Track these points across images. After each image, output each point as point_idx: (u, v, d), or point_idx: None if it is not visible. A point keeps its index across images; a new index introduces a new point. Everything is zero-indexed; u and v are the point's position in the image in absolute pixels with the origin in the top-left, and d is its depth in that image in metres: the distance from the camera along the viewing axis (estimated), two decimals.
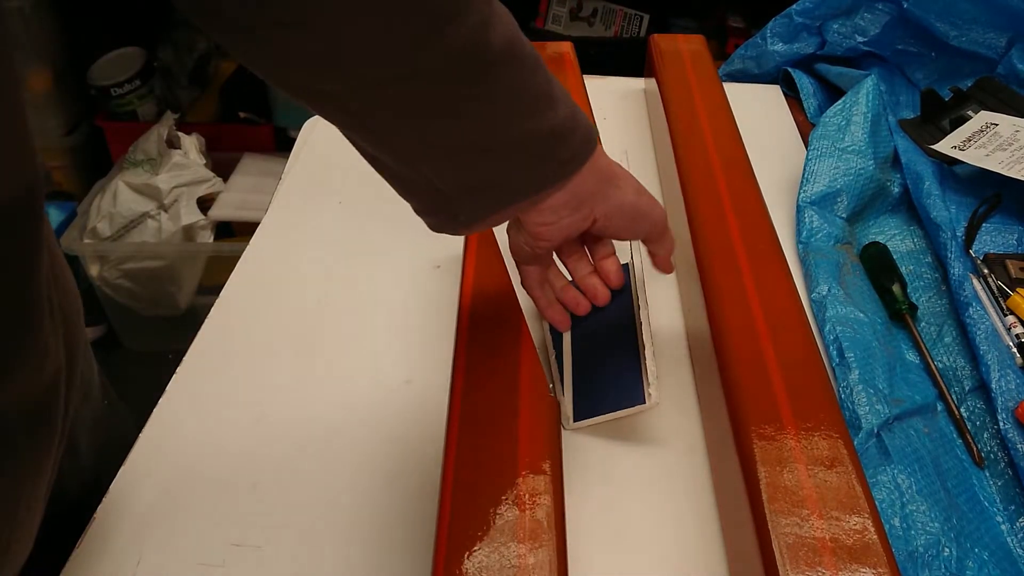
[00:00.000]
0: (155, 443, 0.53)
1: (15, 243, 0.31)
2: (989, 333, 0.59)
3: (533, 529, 0.40)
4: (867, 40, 0.91)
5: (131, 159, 1.56)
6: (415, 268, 0.66)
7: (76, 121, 1.67)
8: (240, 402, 0.56)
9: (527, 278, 0.52)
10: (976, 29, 0.86)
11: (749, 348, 0.49)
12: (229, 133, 1.68)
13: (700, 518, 0.49)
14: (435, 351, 0.59)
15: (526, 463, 0.43)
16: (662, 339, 0.60)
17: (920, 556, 0.47)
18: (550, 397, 0.47)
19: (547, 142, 0.41)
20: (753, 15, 1.71)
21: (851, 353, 0.57)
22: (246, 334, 0.61)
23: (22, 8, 1.49)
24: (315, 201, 0.74)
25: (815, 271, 0.64)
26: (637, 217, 0.48)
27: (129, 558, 0.47)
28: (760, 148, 0.70)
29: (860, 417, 0.53)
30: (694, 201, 0.62)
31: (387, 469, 0.51)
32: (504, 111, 0.38)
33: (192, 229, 1.53)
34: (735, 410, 0.46)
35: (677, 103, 0.75)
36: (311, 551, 0.47)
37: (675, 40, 0.85)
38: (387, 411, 0.55)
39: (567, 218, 0.45)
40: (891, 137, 0.76)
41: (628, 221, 0.48)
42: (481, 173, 0.40)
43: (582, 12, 1.78)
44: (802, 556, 0.38)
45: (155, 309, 1.57)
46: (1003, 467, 0.54)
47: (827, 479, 0.41)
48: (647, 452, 0.53)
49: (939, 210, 0.69)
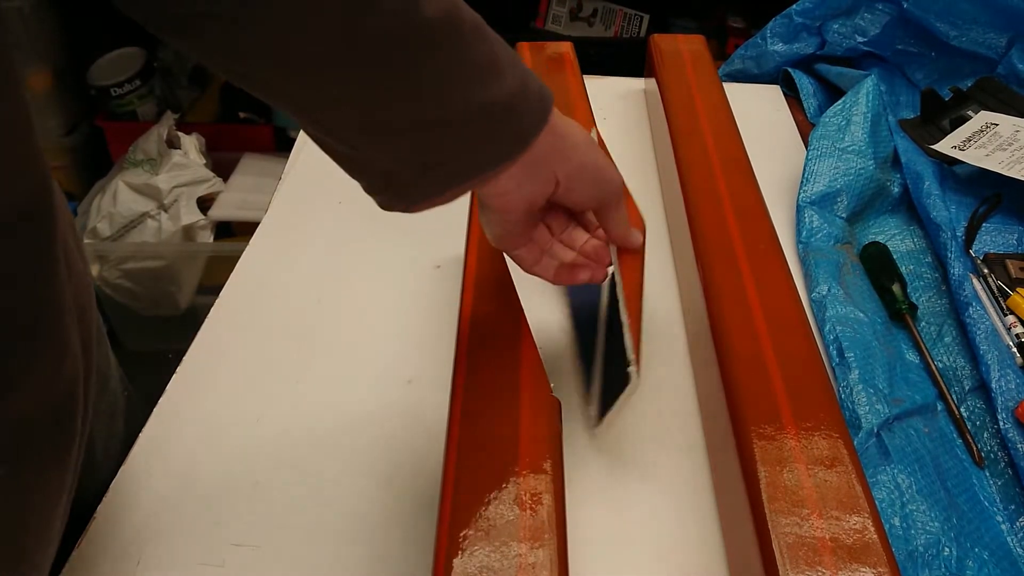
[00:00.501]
0: (155, 443, 0.53)
1: (27, 243, 0.31)
2: (989, 333, 0.59)
3: (533, 529, 0.40)
4: (867, 40, 0.91)
5: (131, 159, 1.56)
6: (415, 268, 0.66)
7: (76, 121, 1.67)
8: (240, 402, 0.56)
9: (523, 261, 0.50)
10: (976, 29, 0.86)
11: (749, 348, 0.49)
12: (229, 133, 1.68)
13: (700, 518, 0.49)
14: (435, 351, 0.59)
15: (526, 463, 0.43)
16: (661, 337, 0.60)
17: (920, 556, 0.47)
18: (551, 397, 0.47)
19: (497, 115, 0.39)
20: (753, 15, 1.71)
21: (851, 353, 0.57)
22: (246, 334, 0.61)
23: (22, 8, 1.49)
24: (315, 201, 0.74)
25: (815, 271, 0.64)
26: (599, 179, 0.45)
27: (129, 558, 0.47)
28: (760, 148, 0.70)
29: (860, 417, 0.53)
30: (694, 201, 0.62)
31: (387, 469, 0.51)
32: (446, 86, 0.37)
33: (192, 229, 1.53)
34: (735, 410, 0.46)
35: (677, 103, 0.75)
36: (311, 551, 0.47)
37: (675, 40, 0.85)
38: (388, 411, 0.55)
39: (527, 184, 0.43)
40: (891, 137, 0.76)
41: (590, 184, 0.45)
42: (428, 152, 0.39)
43: (582, 12, 1.78)
44: (802, 556, 0.38)
45: (155, 309, 1.57)
46: (1003, 467, 0.54)
47: (827, 479, 0.41)
48: (647, 452, 0.53)
49: (939, 210, 0.69)
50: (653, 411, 0.54)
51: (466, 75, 0.37)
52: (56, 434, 0.34)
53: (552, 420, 0.46)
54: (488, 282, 0.54)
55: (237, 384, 0.57)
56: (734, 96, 0.76)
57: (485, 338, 0.51)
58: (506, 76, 0.39)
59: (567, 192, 0.44)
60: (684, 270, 0.63)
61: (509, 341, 0.50)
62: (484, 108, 0.38)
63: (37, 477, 0.34)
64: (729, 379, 0.47)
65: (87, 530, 0.48)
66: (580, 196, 0.46)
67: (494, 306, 0.53)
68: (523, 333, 0.51)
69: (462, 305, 0.53)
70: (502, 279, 0.54)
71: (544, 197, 0.44)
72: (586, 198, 0.46)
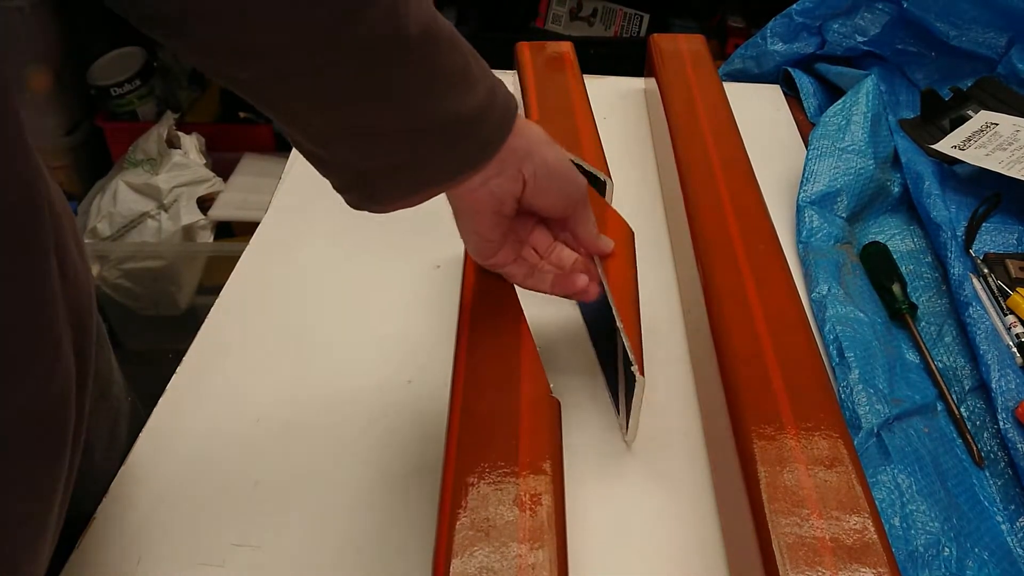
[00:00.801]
0: (155, 443, 0.53)
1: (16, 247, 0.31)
2: (989, 333, 0.59)
3: (533, 529, 0.40)
4: (867, 40, 0.91)
5: (131, 159, 1.56)
6: (415, 268, 0.66)
7: (76, 121, 1.67)
8: (240, 402, 0.56)
9: (514, 277, 0.52)
10: (976, 29, 0.86)
11: (749, 348, 0.49)
12: (229, 133, 1.68)
13: (700, 518, 0.49)
14: (435, 351, 0.59)
15: (526, 463, 0.43)
16: (661, 337, 0.60)
17: (920, 556, 0.47)
18: (551, 397, 0.47)
19: (467, 124, 0.40)
20: (753, 15, 1.71)
21: (851, 353, 0.57)
22: (246, 334, 0.61)
23: (22, 8, 1.49)
24: (315, 201, 0.74)
25: (815, 271, 0.64)
26: (564, 179, 0.47)
27: (129, 558, 0.47)
28: (760, 148, 0.70)
29: (860, 417, 0.53)
30: (694, 201, 0.62)
31: (387, 469, 0.51)
32: (420, 96, 0.38)
33: (192, 229, 1.53)
34: (735, 410, 0.46)
35: (677, 103, 0.75)
36: (311, 551, 0.47)
37: (675, 40, 0.85)
38: (388, 411, 0.55)
39: (494, 179, 0.44)
40: (891, 137, 0.76)
41: (556, 184, 0.46)
42: (398, 156, 0.40)
43: (582, 12, 1.78)
44: (802, 556, 0.38)
45: (155, 309, 1.57)
46: (1003, 467, 0.54)
47: (827, 479, 0.41)
48: (647, 452, 0.53)
49: (939, 210, 0.69)
50: (653, 411, 0.54)
51: (440, 86, 0.39)
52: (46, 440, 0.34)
53: (552, 420, 0.46)
54: (488, 282, 0.54)
55: (237, 384, 0.57)
56: (734, 96, 0.76)
57: (485, 338, 0.51)
58: (477, 87, 0.40)
59: (536, 193, 0.46)
60: (684, 270, 0.63)
61: (509, 341, 0.50)
62: (456, 117, 0.40)
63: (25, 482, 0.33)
64: (729, 379, 0.47)
65: (87, 530, 0.48)
66: (548, 198, 0.47)
67: (494, 306, 0.53)
68: (523, 333, 0.51)
69: (462, 305, 0.53)
70: (502, 279, 0.54)
71: (512, 197, 0.45)
72: (554, 199, 0.48)
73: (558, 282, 0.51)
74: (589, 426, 0.54)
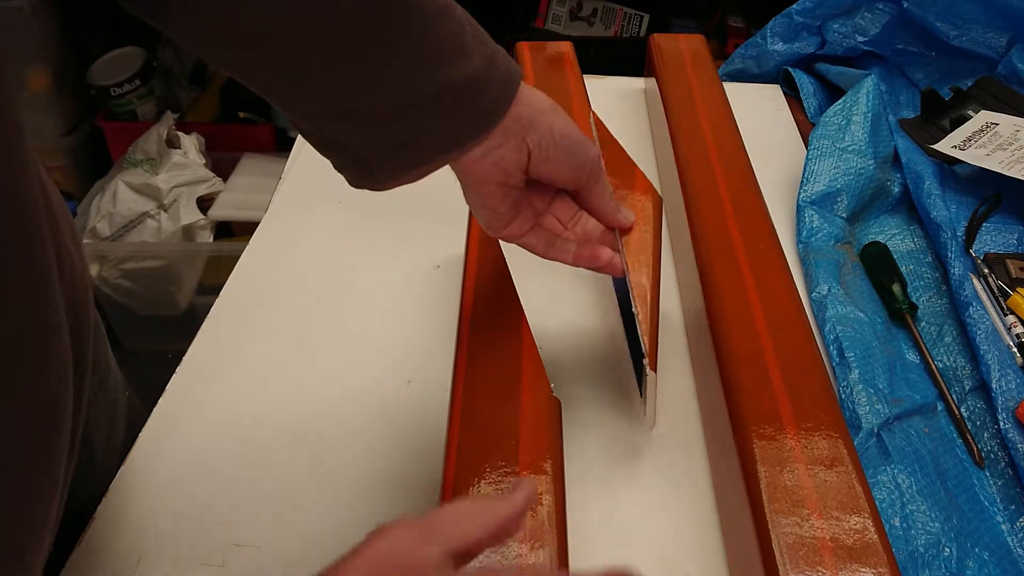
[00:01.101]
0: (155, 443, 0.53)
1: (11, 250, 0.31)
2: (989, 333, 0.59)
3: (534, 529, 0.40)
4: (867, 40, 0.91)
5: (131, 159, 1.56)
6: (415, 268, 0.66)
7: (76, 121, 1.67)
8: (240, 402, 0.56)
9: (534, 248, 0.49)
10: (976, 29, 0.86)
11: (749, 348, 0.49)
12: (229, 133, 1.68)
13: (700, 518, 0.49)
14: (435, 351, 0.59)
15: (526, 463, 0.43)
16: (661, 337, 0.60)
17: (920, 556, 0.47)
18: (551, 397, 0.47)
19: (463, 94, 0.39)
20: (753, 15, 1.71)
21: (851, 353, 0.57)
22: (246, 334, 0.61)
23: (22, 8, 1.49)
24: (315, 201, 0.74)
25: (815, 271, 0.64)
26: (572, 146, 0.45)
27: (129, 558, 0.47)
28: (760, 148, 0.70)
29: (860, 417, 0.53)
30: (694, 201, 0.62)
31: (387, 469, 0.51)
32: (412, 68, 0.38)
33: (192, 229, 1.53)
34: (735, 410, 0.46)
35: (677, 103, 0.75)
36: (311, 551, 0.47)
37: (675, 40, 0.85)
38: (387, 411, 0.55)
39: (497, 149, 0.42)
40: (891, 137, 0.76)
41: (564, 152, 0.44)
42: (395, 132, 0.39)
43: (582, 12, 1.78)
44: (802, 556, 0.38)
45: (155, 309, 1.57)
46: (1003, 467, 0.54)
47: (827, 479, 0.41)
48: (647, 452, 0.53)
49: (939, 210, 0.69)
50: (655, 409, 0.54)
51: (431, 57, 0.38)
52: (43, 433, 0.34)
53: (552, 420, 0.46)
54: (488, 282, 0.54)
55: (237, 384, 0.57)
56: (734, 96, 0.76)
57: (485, 338, 0.51)
58: (472, 56, 0.39)
59: (542, 162, 0.44)
60: (684, 270, 0.63)
61: (509, 341, 0.50)
62: (451, 88, 0.39)
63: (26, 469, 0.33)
64: (729, 379, 0.47)
65: (87, 530, 0.48)
66: (556, 168, 0.45)
67: (494, 306, 0.53)
68: (523, 333, 0.51)
69: (462, 305, 0.53)
70: (502, 279, 0.54)
71: (518, 167, 0.44)
72: (562, 169, 0.45)
73: (580, 252, 0.49)
74: (590, 426, 0.54)
